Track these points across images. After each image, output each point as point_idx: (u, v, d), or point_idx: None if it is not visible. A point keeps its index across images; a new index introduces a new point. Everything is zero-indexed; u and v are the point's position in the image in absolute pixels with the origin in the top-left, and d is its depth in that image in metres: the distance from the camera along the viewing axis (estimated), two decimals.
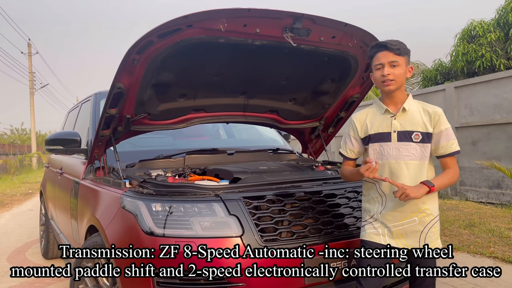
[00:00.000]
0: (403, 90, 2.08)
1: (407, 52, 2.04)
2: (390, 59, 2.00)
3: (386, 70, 2.00)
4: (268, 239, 2.08)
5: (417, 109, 2.07)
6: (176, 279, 1.98)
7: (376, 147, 2.09)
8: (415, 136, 2.01)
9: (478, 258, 4.40)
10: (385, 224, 2.05)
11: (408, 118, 2.04)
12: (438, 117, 2.02)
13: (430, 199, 2.04)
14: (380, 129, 2.08)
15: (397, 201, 2.00)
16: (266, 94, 3.18)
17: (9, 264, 4.85)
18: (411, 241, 2.03)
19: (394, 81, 2.00)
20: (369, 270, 2.03)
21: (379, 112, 2.11)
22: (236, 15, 2.28)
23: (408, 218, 2.02)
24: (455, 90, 8.20)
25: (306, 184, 2.44)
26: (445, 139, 2.02)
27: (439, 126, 2.02)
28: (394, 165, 2.04)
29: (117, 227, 2.25)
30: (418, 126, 2.02)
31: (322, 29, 2.54)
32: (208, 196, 2.17)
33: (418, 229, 2.02)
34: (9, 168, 20.04)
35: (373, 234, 2.08)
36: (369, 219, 2.12)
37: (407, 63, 2.05)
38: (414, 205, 2.01)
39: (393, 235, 2.04)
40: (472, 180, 7.90)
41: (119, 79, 2.41)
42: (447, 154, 2.03)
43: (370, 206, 2.12)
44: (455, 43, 11.28)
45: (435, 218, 2.05)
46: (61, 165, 4.14)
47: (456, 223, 5.85)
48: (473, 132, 7.84)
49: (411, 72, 2.08)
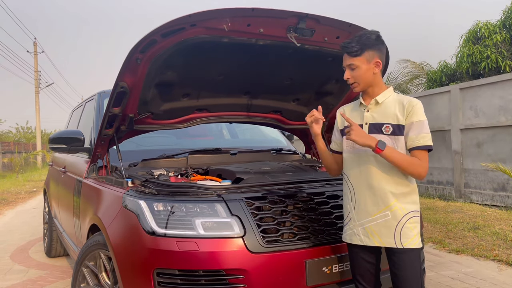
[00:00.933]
0: (377, 85, 2.02)
1: (368, 46, 1.95)
2: (347, 62, 1.99)
3: (346, 74, 2.01)
4: (270, 240, 2.07)
5: (393, 101, 2.00)
6: (177, 279, 1.98)
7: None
8: (385, 128, 1.96)
9: (482, 261, 4.37)
10: (358, 222, 2.00)
11: (381, 110, 1.99)
12: (411, 108, 1.93)
13: (404, 191, 1.94)
14: (354, 121, 2.01)
15: (366, 193, 1.97)
16: (269, 94, 3.17)
17: (12, 262, 4.86)
18: (387, 238, 1.94)
19: (357, 83, 2.00)
20: (362, 268, 2.04)
21: (357, 105, 2.11)
22: (239, 14, 2.27)
23: (381, 212, 1.94)
24: (460, 92, 8.16)
25: (308, 185, 2.42)
26: (415, 131, 1.91)
27: (411, 117, 1.92)
28: (364, 157, 2.00)
29: (119, 226, 2.24)
30: (389, 118, 1.96)
31: (326, 29, 2.52)
32: (210, 196, 2.16)
33: (392, 224, 1.92)
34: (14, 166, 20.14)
35: (351, 235, 2.05)
36: (346, 219, 2.09)
37: (369, 59, 1.96)
38: (385, 197, 1.93)
39: (367, 233, 1.98)
40: (477, 183, 7.85)
41: (122, 78, 2.41)
42: (415, 147, 1.91)
43: (345, 203, 2.10)
44: (461, 44, 11.22)
45: (410, 213, 1.94)
46: (65, 163, 4.15)
47: (460, 226, 5.81)
48: (478, 134, 7.80)
49: (379, 66, 1.98)
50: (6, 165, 21.72)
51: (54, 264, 4.73)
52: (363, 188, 1.99)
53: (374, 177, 1.96)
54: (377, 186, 1.95)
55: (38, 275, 4.33)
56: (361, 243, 2.00)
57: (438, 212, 6.90)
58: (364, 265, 2.05)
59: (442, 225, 5.95)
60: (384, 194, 1.93)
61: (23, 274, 4.37)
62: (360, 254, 2.04)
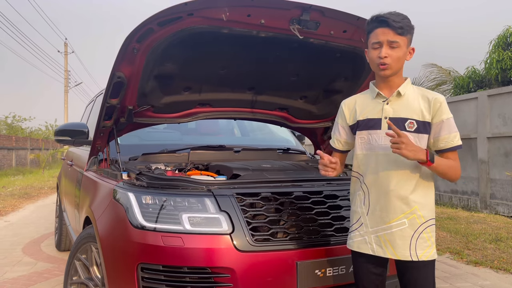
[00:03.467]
0: (400, 74, 1.83)
1: (410, 30, 1.77)
2: (390, 38, 1.73)
3: (384, 51, 1.74)
4: (260, 238, 1.97)
5: (415, 94, 1.81)
6: (161, 275, 1.90)
7: (364, 136, 1.84)
8: (409, 124, 1.76)
9: (501, 273, 4.12)
10: (372, 228, 1.82)
11: (403, 103, 1.79)
12: (439, 104, 1.76)
13: (423, 197, 1.78)
14: (370, 114, 1.83)
15: (382, 198, 1.78)
16: (275, 91, 3.07)
17: (23, 254, 4.92)
18: (401, 250, 1.75)
19: (391, 65, 1.75)
20: (367, 280, 1.87)
21: (371, 96, 1.88)
22: (238, 4, 2.19)
23: (397, 220, 1.76)
24: (488, 99, 7.84)
25: (306, 183, 2.30)
26: (447, 131, 1.75)
27: (440, 115, 1.75)
28: (382, 158, 1.79)
29: (107, 219, 2.19)
30: (413, 114, 1.77)
31: (332, 22, 2.40)
32: (201, 191, 2.07)
33: (408, 233, 1.74)
34: (40, 162, 20.68)
35: (361, 243, 1.85)
36: (355, 224, 1.88)
37: (408, 44, 1.78)
38: (402, 203, 1.75)
39: (381, 242, 1.78)
40: (504, 194, 7.50)
41: (119, 68, 2.36)
42: (448, 148, 1.76)
43: (355, 206, 1.89)
44: (490, 50, 10.81)
45: (428, 221, 1.77)
46: (72, 157, 4.17)
47: (481, 237, 5.54)
48: (506, 143, 7.46)
49: (411, 54, 1.81)
50: (33, 161, 22.34)
51: (62, 257, 4.75)
52: (380, 191, 1.79)
53: (394, 180, 1.77)
54: (396, 190, 1.76)
55: (45, 267, 4.35)
56: (372, 253, 1.81)
57: (459, 222, 6.61)
58: (370, 276, 1.86)
59: (462, 235, 5.69)
60: (404, 199, 1.75)
61: (31, 266, 4.40)
62: (367, 264, 1.86)
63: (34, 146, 23.54)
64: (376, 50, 1.78)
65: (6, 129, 27.56)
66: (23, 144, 21.75)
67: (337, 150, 2.01)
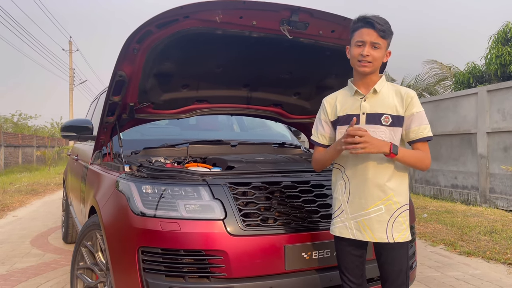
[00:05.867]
0: (377, 73, 1.99)
1: (390, 35, 1.93)
2: (373, 39, 1.88)
3: (366, 50, 1.89)
4: (251, 224, 2.13)
5: (389, 91, 1.97)
6: (160, 257, 2.06)
7: (343, 130, 1.97)
8: (384, 119, 1.92)
9: (492, 263, 4.26)
10: (351, 215, 1.97)
11: (379, 100, 1.95)
12: (410, 99, 1.93)
13: (398, 185, 1.94)
14: (349, 110, 1.99)
15: (361, 186, 1.94)
16: (269, 88, 3.22)
17: (31, 247, 5.12)
18: (379, 234, 1.91)
19: (372, 64, 1.90)
20: (348, 261, 2.03)
21: (349, 93, 2.03)
22: (231, 7, 2.34)
23: (375, 206, 1.92)
24: (488, 94, 7.92)
25: (295, 174, 2.46)
26: (417, 123, 1.92)
27: (411, 109, 1.92)
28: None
29: (111, 207, 2.35)
30: (388, 109, 1.93)
31: (320, 22, 2.55)
32: (196, 181, 2.24)
33: (384, 218, 1.91)
34: (46, 160, 20.93)
35: (342, 228, 2.00)
36: (337, 211, 2.04)
37: (387, 46, 1.95)
38: (380, 191, 1.92)
39: (360, 227, 1.94)
40: (503, 188, 7.61)
41: (121, 67, 2.51)
42: (418, 139, 1.93)
43: (337, 194, 2.05)
44: (489, 46, 10.88)
45: (403, 206, 1.95)
46: (78, 152, 4.35)
47: (476, 229, 5.67)
48: (505, 138, 7.55)
49: (388, 56, 1.99)
50: (39, 159, 22.62)
51: (69, 249, 4.94)
52: (359, 180, 1.96)
53: (371, 170, 1.93)
54: (373, 179, 1.93)
55: (52, 258, 4.54)
56: (353, 237, 1.97)
57: (456, 216, 6.74)
58: (351, 258, 2.03)
59: (458, 228, 5.82)
60: (380, 187, 1.92)
61: (39, 257, 4.60)
62: (348, 248, 2.02)
63: (40, 143, 23.83)
64: (359, 48, 1.93)
65: (13, 127, 27.88)
66: (29, 141, 22.05)
67: (320, 145, 2.14)
